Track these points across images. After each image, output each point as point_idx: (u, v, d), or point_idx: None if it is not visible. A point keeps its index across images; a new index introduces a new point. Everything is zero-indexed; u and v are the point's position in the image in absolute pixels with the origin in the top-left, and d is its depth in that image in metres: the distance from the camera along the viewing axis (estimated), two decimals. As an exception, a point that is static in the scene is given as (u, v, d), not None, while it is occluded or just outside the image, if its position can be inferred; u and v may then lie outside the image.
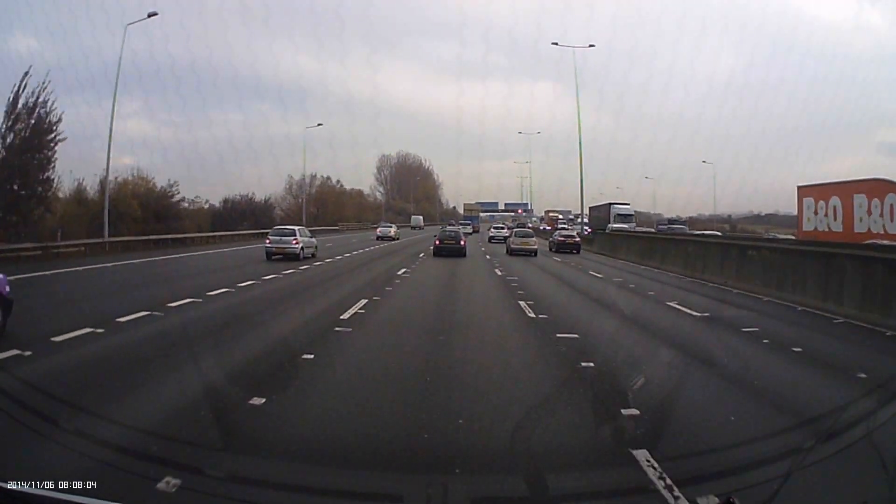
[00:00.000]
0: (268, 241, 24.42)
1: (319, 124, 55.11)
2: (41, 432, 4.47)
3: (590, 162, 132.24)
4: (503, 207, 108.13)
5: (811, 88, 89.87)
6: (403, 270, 19.91)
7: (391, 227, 48.43)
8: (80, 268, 19.04)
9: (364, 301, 12.05)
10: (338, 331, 9.06)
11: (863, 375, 7.17)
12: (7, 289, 8.40)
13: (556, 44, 41.92)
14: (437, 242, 28.19)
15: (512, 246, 31.13)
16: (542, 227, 72.54)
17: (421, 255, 28.27)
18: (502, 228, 49.83)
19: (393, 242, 42.43)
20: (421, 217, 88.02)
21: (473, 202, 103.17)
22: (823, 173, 74.92)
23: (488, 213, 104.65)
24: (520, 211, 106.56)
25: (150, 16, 29.52)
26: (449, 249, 27.41)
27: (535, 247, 30.72)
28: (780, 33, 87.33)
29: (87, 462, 3.97)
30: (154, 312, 10.14)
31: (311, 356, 7.20)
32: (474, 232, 62.60)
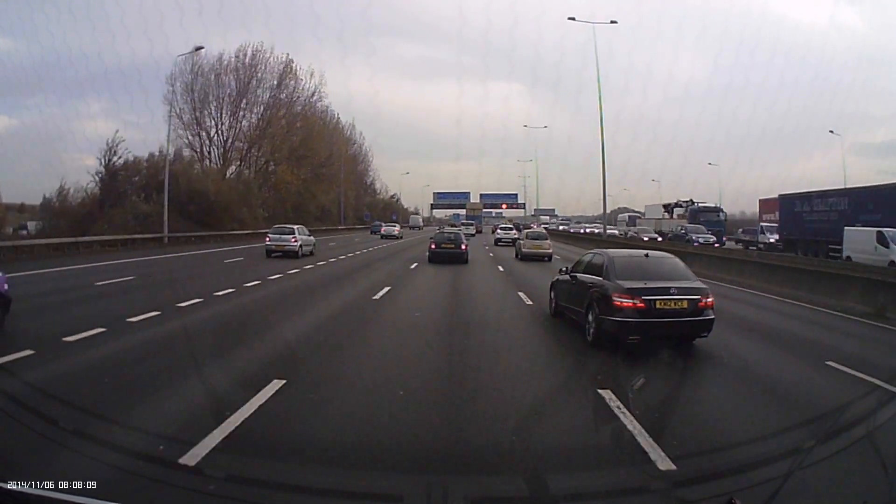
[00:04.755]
0: (268, 240, 24.89)
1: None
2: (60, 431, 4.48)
3: (592, 165, 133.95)
4: (477, 200, 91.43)
5: (793, 90, 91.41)
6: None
7: (395, 226, 51.91)
8: None
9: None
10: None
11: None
12: (6, 286, 8.39)
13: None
14: (433, 247, 23.99)
15: (523, 250, 27.20)
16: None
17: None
18: (510, 230, 45.23)
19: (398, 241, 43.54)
20: (420, 217, 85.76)
21: (453, 191, 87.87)
22: (803, 172, 77.33)
23: (457, 207, 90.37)
24: (504, 206, 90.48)
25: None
26: (447, 255, 23.34)
27: (550, 251, 26.70)
28: (759, 36, 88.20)
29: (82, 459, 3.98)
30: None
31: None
32: (477, 233, 59.00)
